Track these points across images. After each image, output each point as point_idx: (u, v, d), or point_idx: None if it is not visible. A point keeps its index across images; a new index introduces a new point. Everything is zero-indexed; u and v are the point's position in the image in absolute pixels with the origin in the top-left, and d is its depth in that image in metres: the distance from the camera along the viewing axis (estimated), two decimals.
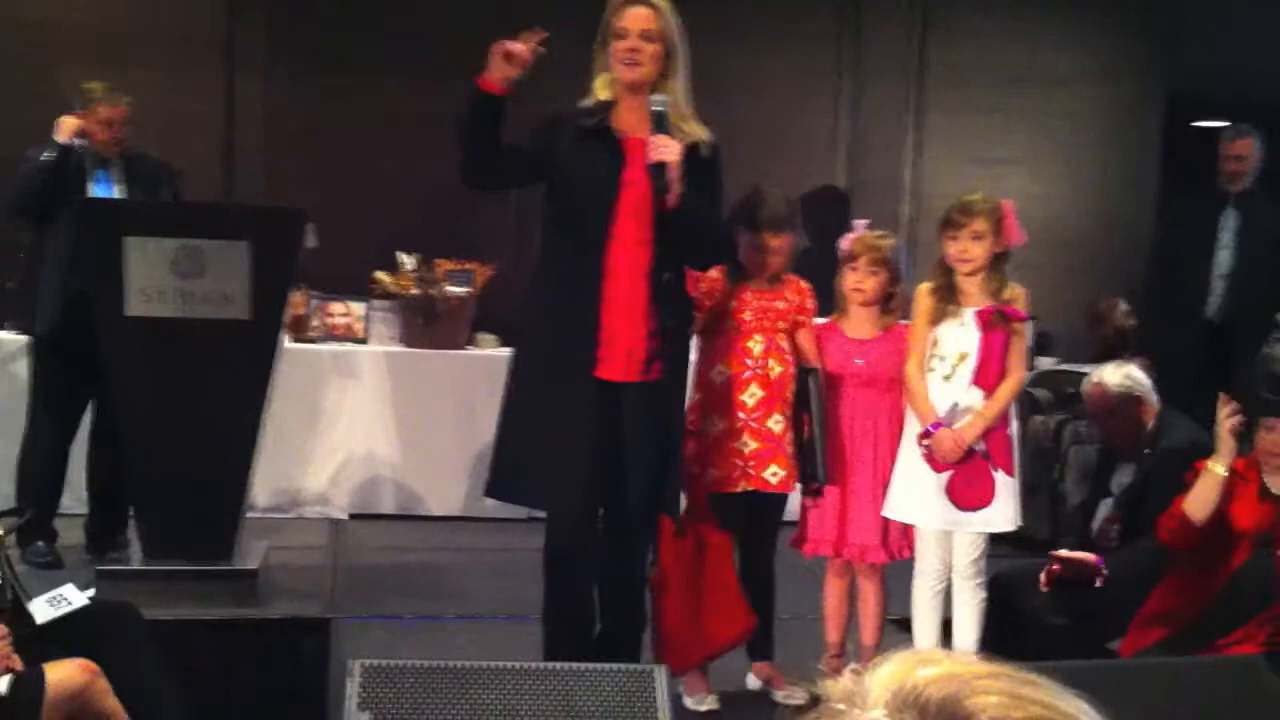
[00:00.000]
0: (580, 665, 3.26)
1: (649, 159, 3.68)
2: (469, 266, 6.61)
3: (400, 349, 6.59)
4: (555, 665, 3.34)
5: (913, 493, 4.07)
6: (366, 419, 6.45)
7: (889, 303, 4.28)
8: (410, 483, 6.49)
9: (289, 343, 5.07)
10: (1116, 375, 4.55)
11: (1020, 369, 4.10)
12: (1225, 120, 6.60)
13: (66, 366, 5.15)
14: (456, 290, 6.55)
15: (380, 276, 6.56)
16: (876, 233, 4.31)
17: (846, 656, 4.29)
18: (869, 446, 4.18)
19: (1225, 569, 3.79)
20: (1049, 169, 7.68)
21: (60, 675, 3.00)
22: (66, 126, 5.12)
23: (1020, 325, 4.07)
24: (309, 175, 6.78)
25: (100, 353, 4.29)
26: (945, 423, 3.97)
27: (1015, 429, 4.11)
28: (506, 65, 3.60)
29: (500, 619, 4.94)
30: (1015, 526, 4.08)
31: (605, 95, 3.82)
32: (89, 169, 5.19)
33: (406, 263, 6.57)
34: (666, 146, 3.66)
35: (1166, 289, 6.47)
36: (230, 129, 7.04)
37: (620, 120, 3.81)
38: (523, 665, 3.30)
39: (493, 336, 6.70)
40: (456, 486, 6.40)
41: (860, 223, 4.38)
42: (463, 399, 6.40)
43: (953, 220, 4.03)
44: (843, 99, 7.58)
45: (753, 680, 4.29)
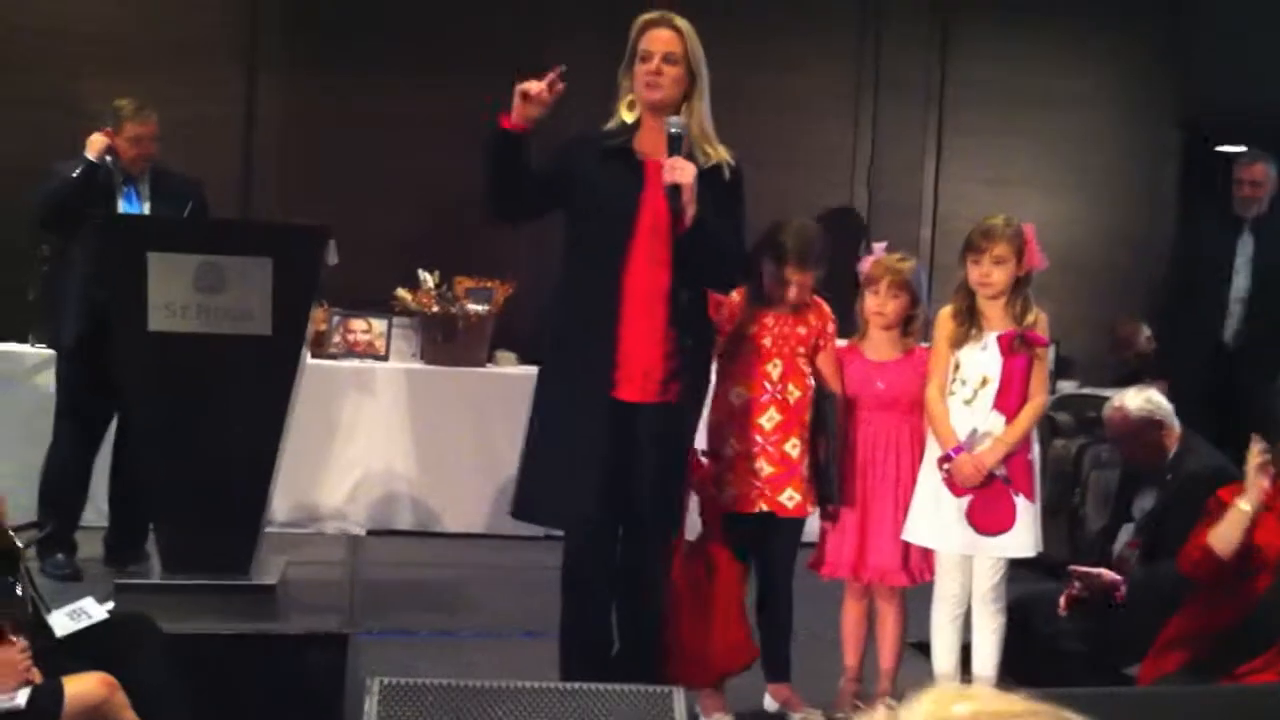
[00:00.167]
0: (599, 686, 3.25)
1: (664, 180, 3.69)
2: (489, 284, 6.63)
3: (420, 366, 6.61)
4: (574, 686, 3.33)
5: (933, 517, 4.05)
6: (385, 435, 6.46)
7: (909, 325, 4.26)
8: (428, 499, 6.50)
9: (309, 359, 5.09)
10: (1138, 399, 4.54)
11: (1042, 394, 4.09)
12: (1242, 145, 6.59)
13: (91, 379, 5.16)
14: (476, 308, 6.57)
15: (401, 293, 6.58)
16: (896, 255, 4.29)
17: (864, 680, 4.28)
18: (889, 470, 4.17)
19: (1247, 595, 3.74)
20: (1068, 192, 7.67)
21: (79, 688, 3.02)
22: (96, 144, 5.15)
23: (1042, 350, 4.06)
24: (328, 184, 6.80)
25: (121, 367, 4.31)
26: (966, 447, 3.96)
27: (1036, 453, 4.09)
28: (526, 105, 3.63)
29: (517, 635, 4.95)
30: (1035, 552, 4.05)
31: (629, 117, 3.84)
32: (116, 185, 5.23)
33: (427, 280, 6.60)
34: (681, 168, 3.67)
35: (1183, 313, 6.46)
36: (249, 137, 7.05)
37: (643, 142, 3.83)
38: (542, 685, 3.30)
39: (512, 354, 6.72)
40: (475, 503, 6.41)
41: (880, 245, 4.37)
42: (482, 416, 6.41)
43: (975, 244, 4.02)
44: (862, 120, 7.58)
45: (769, 701, 4.27)
